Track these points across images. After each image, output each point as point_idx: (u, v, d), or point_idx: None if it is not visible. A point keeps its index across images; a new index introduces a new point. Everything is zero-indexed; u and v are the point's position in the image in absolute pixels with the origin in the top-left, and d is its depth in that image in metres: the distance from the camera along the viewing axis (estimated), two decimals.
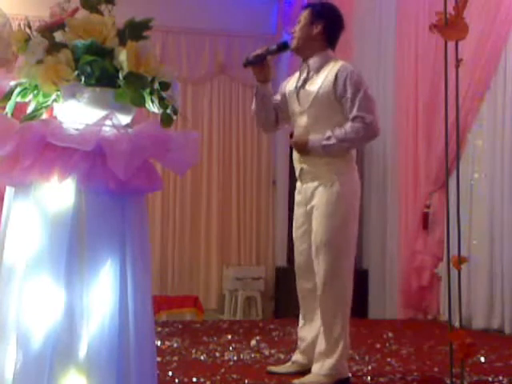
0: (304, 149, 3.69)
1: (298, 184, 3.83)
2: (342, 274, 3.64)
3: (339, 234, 3.64)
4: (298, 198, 3.84)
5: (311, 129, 3.71)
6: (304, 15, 3.80)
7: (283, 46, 3.84)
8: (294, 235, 3.87)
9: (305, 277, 3.80)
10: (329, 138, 3.62)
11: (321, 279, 3.64)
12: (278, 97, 3.94)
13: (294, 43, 3.80)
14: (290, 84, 3.90)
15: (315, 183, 3.70)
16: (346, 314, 3.67)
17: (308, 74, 3.77)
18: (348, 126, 3.62)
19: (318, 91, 3.69)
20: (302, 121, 3.77)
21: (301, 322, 3.87)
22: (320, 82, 3.71)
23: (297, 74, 3.87)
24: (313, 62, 3.75)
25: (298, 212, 3.83)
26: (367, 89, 3.69)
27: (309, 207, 3.73)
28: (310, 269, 3.73)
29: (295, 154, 3.82)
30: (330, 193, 3.64)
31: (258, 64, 3.82)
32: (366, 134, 3.65)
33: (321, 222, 3.65)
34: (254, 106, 3.94)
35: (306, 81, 3.77)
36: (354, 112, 3.62)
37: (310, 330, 3.79)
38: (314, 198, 3.70)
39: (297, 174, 3.82)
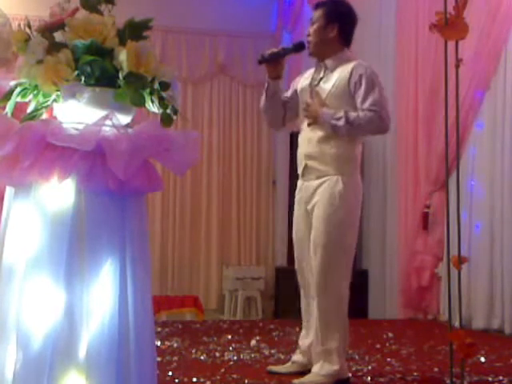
0: (315, 116, 3.67)
1: (299, 182, 3.80)
2: (337, 275, 3.62)
3: (338, 236, 3.62)
4: (298, 196, 3.81)
5: (323, 126, 3.69)
6: (317, 16, 3.76)
7: (299, 47, 3.82)
8: (294, 237, 3.85)
9: (307, 269, 3.75)
10: (339, 119, 3.60)
11: (316, 279, 3.64)
12: (288, 93, 3.93)
13: (310, 48, 3.77)
14: (303, 81, 3.88)
15: (318, 181, 3.68)
16: (343, 314, 3.65)
17: (324, 72, 3.76)
18: (362, 112, 3.60)
19: (332, 88, 3.69)
20: None
21: (303, 321, 3.86)
22: (334, 79, 3.70)
23: (310, 71, 3.86)
24: (329, 62, 3.74)
25: (298, 213, 3.81)
26: (382, 89, 3.68)
27: (310, 206, 3.71)
28: (309, 262, 3.71)
29: (301, 150, 3.78)
30: (332, 192, 3.62)
31: (273, 62, 3.81)
32: (377, 126, 3.63)
33: (321, 221, 3.63)
34: (263, 103, 3.90)
35: (321, 79, 3.76)
36: (367, 105, 3.59)
37: (309, 330, 3.78)
38: (316, 196, 3.67)
39: (300, 170, 3.79)
